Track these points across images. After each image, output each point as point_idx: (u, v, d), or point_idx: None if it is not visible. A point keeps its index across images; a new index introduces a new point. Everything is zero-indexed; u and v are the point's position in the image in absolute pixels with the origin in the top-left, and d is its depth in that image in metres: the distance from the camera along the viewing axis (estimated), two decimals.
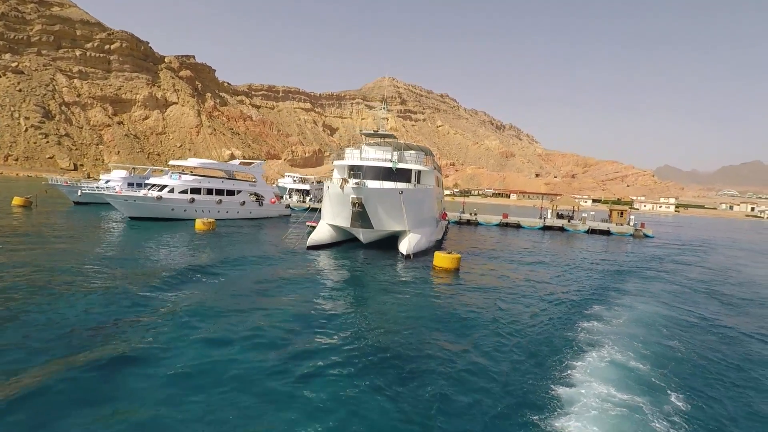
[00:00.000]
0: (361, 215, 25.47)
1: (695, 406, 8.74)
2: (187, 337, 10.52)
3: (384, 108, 33.06)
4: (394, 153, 29.98)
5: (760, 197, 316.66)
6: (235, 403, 7.66)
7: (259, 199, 47.43)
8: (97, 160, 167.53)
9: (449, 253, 22.51)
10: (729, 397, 9.36)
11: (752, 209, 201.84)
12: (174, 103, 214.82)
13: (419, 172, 30.16)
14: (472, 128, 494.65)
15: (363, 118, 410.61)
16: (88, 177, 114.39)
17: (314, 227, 34.80)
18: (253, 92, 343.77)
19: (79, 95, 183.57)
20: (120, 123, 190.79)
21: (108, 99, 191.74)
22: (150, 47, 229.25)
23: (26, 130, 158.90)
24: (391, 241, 28.24)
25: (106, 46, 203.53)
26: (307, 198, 72.50)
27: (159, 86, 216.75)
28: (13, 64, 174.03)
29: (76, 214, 37.58)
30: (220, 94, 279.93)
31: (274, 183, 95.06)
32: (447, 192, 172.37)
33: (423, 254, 26.07)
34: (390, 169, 28.51)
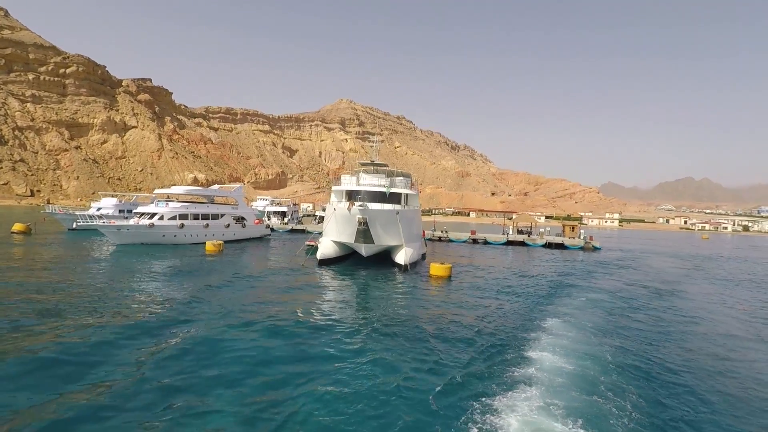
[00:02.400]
0: (364, 232, 30.27)
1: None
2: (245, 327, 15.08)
3: (376, 142, 38.35)
4: (387, 179, 35.18)
5: (692, 211, 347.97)
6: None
7: (241, 221, 49.63)
8: (54, 185, 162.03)
9: (442, 263, 27.80)
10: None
11: (685, 222, 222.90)
12: (133, 126, 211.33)
13: (407, 195, 35.45)
14: (428, 149, 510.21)
15: (322, 140, 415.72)
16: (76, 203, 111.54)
17: (311, 245, 39.26)
18: (210, 115, 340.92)
19: (33, 119, 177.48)
20: (77, 147, 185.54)
21: (64, 123, 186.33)
22: (107, 71, 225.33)
23: None
24: (384, 255, 33.13)
25: (61, 70, 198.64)
26: (285, 219, 76.18)
27: (117, 110, 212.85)
28: None
29: (73, 242, 39.04)
30: (178, 117, 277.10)
31: (249, 205, 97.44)
32: None
33: (415, 265, 31.19)
34: (384, 193, 33.62)
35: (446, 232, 60.95)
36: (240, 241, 46.23)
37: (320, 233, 58.13)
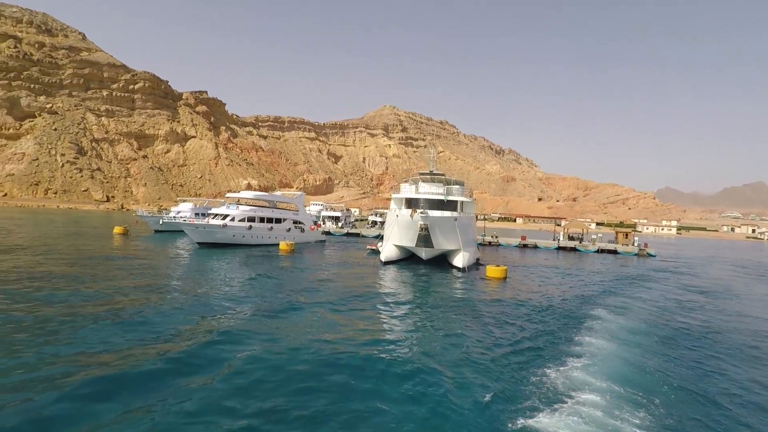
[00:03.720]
0: (425, 237, 32.90)
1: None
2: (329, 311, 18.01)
3: (433, 152, 41.00)
4: (444, 187, 37.63)
5: (763, 219, 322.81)
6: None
7: (300, 225, 52.93)
8: (126, 191, 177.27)
9: (497, 266, 29.97)
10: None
11: (753, 231, 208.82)
12: (193, 136, 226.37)
13: (463, 202, 37.73)
14: (472, 153, 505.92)
15: (366, 146, 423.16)
16: (160, 208, 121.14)
17: (373, 249, 42.44)
18: (260, 123, 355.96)
19: (107, 132, 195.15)
20: (145, 157, 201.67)
21: (133, 135, 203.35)
22: (169, 85, 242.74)
23: (62, 165, 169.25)
24: (442, 259, 35.57)
25: (131, 86, 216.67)
26: (339, 223, 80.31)
27: (178, 121, 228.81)
28: (48, 106, 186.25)
29: (160, 239, 45.53)
30: (231, 126, 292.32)
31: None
32: None
33: (472, 268, 33.41)
34: (442, 200, 36.10)
35: (496, 237, 62.42)
36: (298, 244, 48.75)
37: (375, 237, 61.83)
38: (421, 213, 31.69)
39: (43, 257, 27.58)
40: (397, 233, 34.96)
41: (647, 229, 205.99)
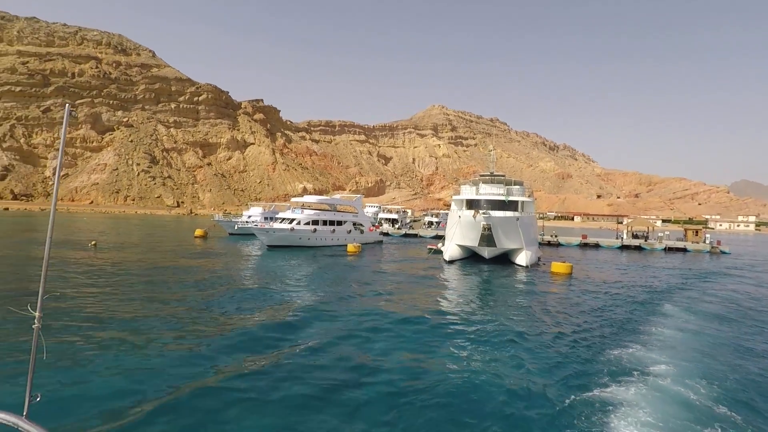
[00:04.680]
0: (488, 237, 34.18)
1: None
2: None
3: (493, 153, 42.13)
4: (505, 188, 38.62)
5: None
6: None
7: (359, 227, 54.84)
8: (194, 197, 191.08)
9: (563, 262, 30.77)
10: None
11: None
12: (252, 143, 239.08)
13: (523, 202, 38.43)
14: (524, 150, 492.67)
15: (415, 147, 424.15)
16: (224, 213, 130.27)
17: (433, 248, 44.13)
18: (312, 128, 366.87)
19: (175, 142, 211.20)
20: (209, 164, 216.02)
21: (198, 143, 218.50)
22: (229, 96, 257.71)
23: (138, 174, 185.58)
24: (503, 258, 36.61)
25: (195, 98, 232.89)
26: (396, 225, 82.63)
27: (238, 129, 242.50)
28: (125, 119, 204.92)
29: (235, 241, 49.35)
30: (286, 132, 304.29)
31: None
32: None
33: (535, 266, 34.27)
34: (503, 201, 37.13)
35: (556, 236, 61.97)
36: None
37: (432, 237, 63.46)
38: (484, 213, 33.02)
39: (155, 253, 31.96)
40: (460, 233, 36.39)
41: (720, 225, 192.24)
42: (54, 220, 2.54)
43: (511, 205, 37.16)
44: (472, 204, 38.05)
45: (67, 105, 2.67)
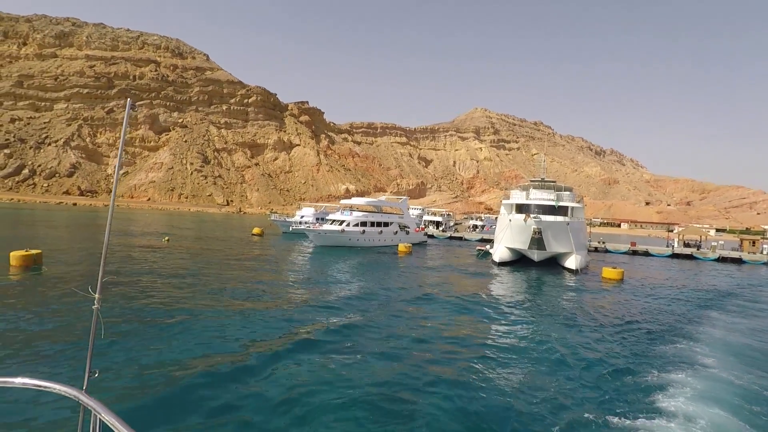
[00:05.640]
0: (538, 241, 35.40)
1: None
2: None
3: (543, 159, 43.19)
4: (555, 194, 39.67)
5: None
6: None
7: (405, 229, 56.05)
8: (242, 196, 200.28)
9: (614, 267, 31.65)
10: None
11: None
12: (297, 145, 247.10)
13: (573, 207, 39.36)
14: (569, 155, 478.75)
15: (456, 149, 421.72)
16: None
17: (481, 250, 45.60)
18: (354, 130, 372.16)
19: (226, 143, 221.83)
20: (257, 164, 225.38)
21: (247, 144, 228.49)
22: (277, 98, 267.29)
23: (191, 173, 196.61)
24: (551, 261, 37.65)
25: (245, 100, 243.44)
26: (440, 228, 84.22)
27: (285, 131, 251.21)
28: (180, 120, 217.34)
29: (292, 241, 51.03)
30: (329, 133, 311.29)
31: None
32: None
33: (584, 271, 35.19)
34: (553, 206, 38.20)
35: (603, 242, 61.70)
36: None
37: (477, 240, 64.74)
38: (534, 218, 34.36)
39: (219, 249, 35.48)
40: (510, 236, 37.76)
41: None
42: (113, 212, 2.93)
43: (560, 210, 38.12)
44: (522, 208, 39.25)
45: (128, 99, 3.02)
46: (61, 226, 53.02)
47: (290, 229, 60.57)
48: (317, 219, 65.79)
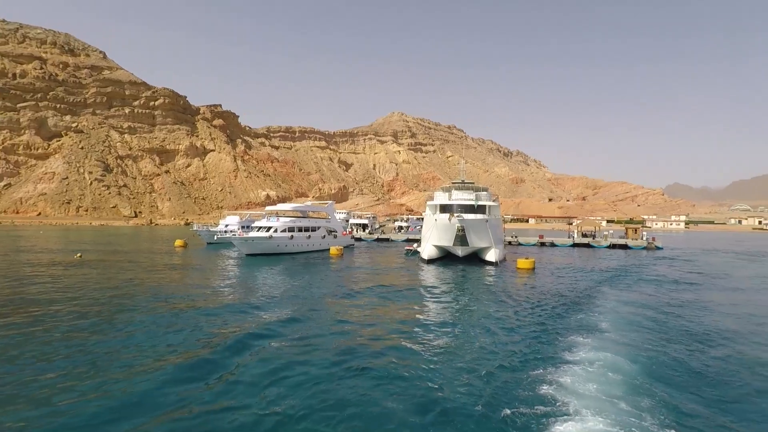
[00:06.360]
0: (461, 238, 38.59)
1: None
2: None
3: (462, 163, 46.82)
4: (474, 194, 43.34)
5: None
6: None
7: (332, 233, 56.85)
8: (152, 206, 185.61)
9: (527, 258, 35.75)
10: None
11: (759, 222, 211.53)
12: (211, 150, 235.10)
13: (490, 206, 43.23)
14: (480, 157, 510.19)
15: (376, 153, 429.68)
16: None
17: (410, 249, 48.28)
18: (271, 134, 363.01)
19: (130, 149, 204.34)
20: (167, 172, 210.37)
21: (155, 150, 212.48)
22: (187, 100, 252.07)
23: (91, 183, 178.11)
24: (474, 256, 41.21)
25: (151, 103, 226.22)
26: (366, 230, 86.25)
27: (197, 136, 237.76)
28: (74, 125, 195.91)
29: (216, 251, 49.93)
30: (245, 138, 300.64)
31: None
32: None
33: (502, 262, 39.10)
34: (473, 205, 41.73)
35: (516, 237, 67.89)
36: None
37: (404, 241, 67.72)
38: (458, 217, 37.49)
39: (139, 264, 34.02)
40: (436, 235, 40.61)
41: (656, 224, 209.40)
42: None
43: (480, 209, 41.61)
44: (445, 208, 42.12)
45: None
46: None
47: (215, 239, 58.39)
48: (242, 227, 64.23)
